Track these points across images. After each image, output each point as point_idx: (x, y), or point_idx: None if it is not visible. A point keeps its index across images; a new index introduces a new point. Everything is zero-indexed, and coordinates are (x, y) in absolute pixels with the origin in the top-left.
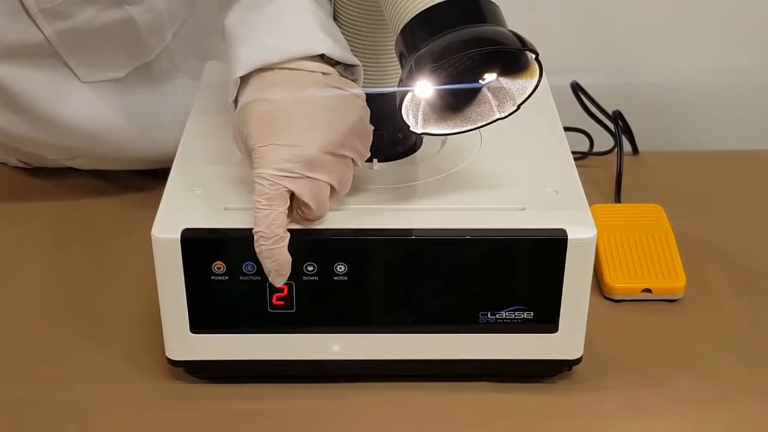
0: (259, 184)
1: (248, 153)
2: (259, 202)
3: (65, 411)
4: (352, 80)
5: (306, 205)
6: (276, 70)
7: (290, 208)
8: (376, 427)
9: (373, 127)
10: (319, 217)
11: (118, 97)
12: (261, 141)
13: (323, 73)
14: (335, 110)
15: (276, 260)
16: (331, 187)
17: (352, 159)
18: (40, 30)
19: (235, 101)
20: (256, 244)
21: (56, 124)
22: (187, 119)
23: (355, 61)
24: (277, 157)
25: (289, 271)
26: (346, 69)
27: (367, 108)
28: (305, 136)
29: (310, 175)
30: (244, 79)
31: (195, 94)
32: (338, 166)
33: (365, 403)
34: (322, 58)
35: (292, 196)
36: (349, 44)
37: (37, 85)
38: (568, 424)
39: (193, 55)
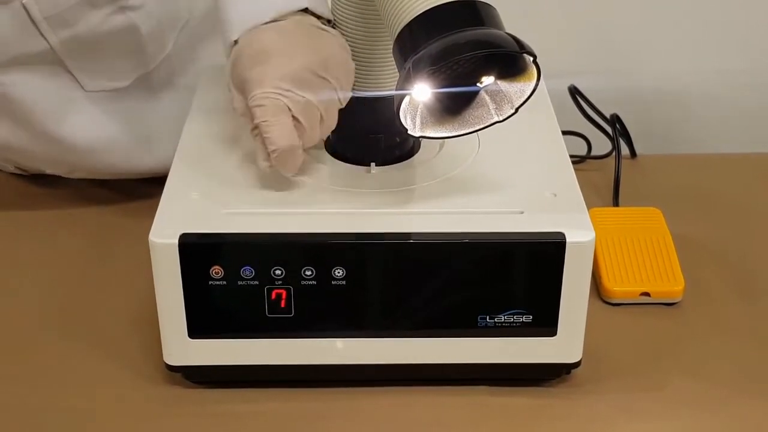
0: (259, 106)
1: (242, 86)
2: (266, 121)
3: (63, 416)
4: None
5: (299, 123)
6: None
7: None
8: (375, 431)
9: (354, 64)
10: (312, 142)
11: (119, 108)
12: (251, 67)
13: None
14: (317, 38)
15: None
16: (320, 116)
17: (336, 91)
18: (44, 38)
19: None
20: (275, 161)
21: (56, 137)
22: (184, 124)
23: (332, 17)
24: (268, 76)
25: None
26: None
27: (347, 46)
28: (291, 54)
29: (299, 92)
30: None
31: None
32: (323, 89)
33: (364, 408)
34: (305, 12)
35: None
36: None
37: (39, 94)
38: (567, 427)
39: (192, 62)
